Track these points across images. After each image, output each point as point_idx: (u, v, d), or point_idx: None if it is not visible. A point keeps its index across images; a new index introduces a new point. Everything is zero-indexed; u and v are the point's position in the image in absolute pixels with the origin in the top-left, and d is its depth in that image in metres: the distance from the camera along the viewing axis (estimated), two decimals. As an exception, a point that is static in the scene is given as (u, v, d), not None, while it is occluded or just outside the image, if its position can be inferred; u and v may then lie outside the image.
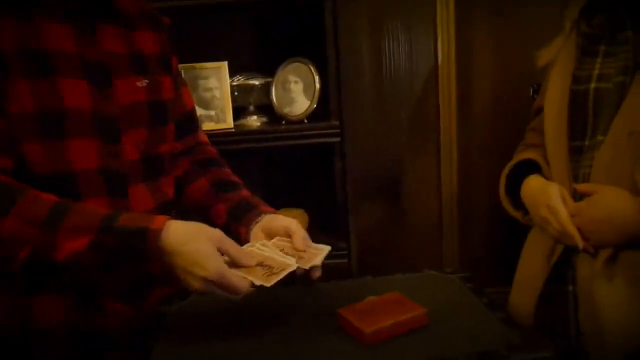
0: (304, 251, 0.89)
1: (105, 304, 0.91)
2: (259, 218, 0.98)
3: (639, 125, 0.91)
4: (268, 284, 0.79)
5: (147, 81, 0.98)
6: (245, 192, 1.07)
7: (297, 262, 0.84)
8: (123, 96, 0.94)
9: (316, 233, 1.57)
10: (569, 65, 1.07)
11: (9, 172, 0.83)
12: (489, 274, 1.44)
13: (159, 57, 1.03)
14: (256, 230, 0.96)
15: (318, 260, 0.88)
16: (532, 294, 1.03)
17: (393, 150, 1.67)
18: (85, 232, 0.78)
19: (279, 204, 1.03)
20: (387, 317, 0.80)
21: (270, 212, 1.00)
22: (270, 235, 0.94)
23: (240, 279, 0.79)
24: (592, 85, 1.01)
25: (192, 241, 0.79)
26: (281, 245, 0.91)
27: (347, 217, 1.64)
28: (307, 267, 0.86)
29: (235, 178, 1.11)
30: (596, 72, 1.01)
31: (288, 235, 0.93)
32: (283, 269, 0.82)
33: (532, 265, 1.07)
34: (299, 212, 1.61)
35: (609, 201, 0.93)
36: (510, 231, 1.18)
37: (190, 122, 1.15)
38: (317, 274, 0.89)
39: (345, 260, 1.53)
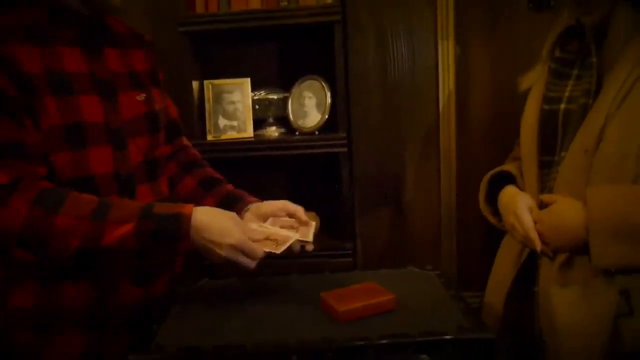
0: (306, 224, 1.08)
1: (119, 287, 1.03)
2: (248, 207, 1.13)
3: (593, 144, 1.00)
4: (278, 251, 0.98)
5: (144, 95, 1.11)
6: (229, 186, 1.22)
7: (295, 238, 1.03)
8: (126, 109, 1.06)
9: (325, 234, 1.73)
10: (542, 87, 1.16)
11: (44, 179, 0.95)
12: (484, 275, 1.54)
13: (149, 73, 1.15)
14: (248, 216, 1.11)
15: (310, 235, 1.07)
16: (501, 292, 1.14)
17: (396, 160, 1.77)
18: (128, 220, 0.93)
19: None
20: (360, 300, 0.95)
21: (255, 201, 1.15)
22: (261, 218, 1.10)
23: (257, 246, 0.97)
24: (562, 106, 1.10)
25: (217, 219, 0.96)
26: (279, 223, 1.09)
27: (354, 220, 1.75)
28: (307, 239, 1.05)
29: (218, 175, 1.25)
30: (567, 94, 1.11)
31: (286, 214, 1.10)
32: (287, 240, 1.00)
33: (503, 267, 1.19)
34: (312, 214, 1.71)
35: (562, 210, 1.03)
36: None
37: (176, 128, 1.27)
38: (311, 247, 1.06)
39: (351, 259, 1.65)
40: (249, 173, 1.75)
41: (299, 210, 1.10)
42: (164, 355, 0.84)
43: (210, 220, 0.95)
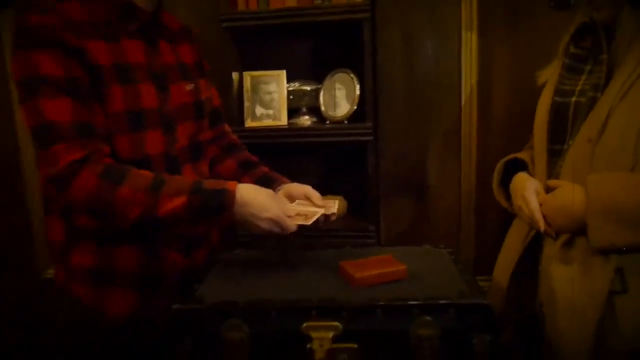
0: (324, 206, 1.18)
1: (166, 255, 1.15)
2: (280, 187, 1.25)
3: (596, 134, 1.09)
4: (308, 223, 1.11)
5: (192, 85, 1.21)
6: (264, 168, 1.34)
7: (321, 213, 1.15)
8: (176, 98, 1.16)
9: (351, 217, 1.84)
10: (556, 81, 1.24)
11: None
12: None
13: (196, 65, 1.26)
14: (280, 195, 1.21)
15: (334, 208, 1.18)
16: (508, 270, 1.24)
17: (420, 149, 1.86)
18: (181, 194, 1.02)
19: (322, 191, 1.24)
20: (375, 269, 1.06)
21: (287, 182, 1.27)
22: (291, 197, 1.21)
23: (290, 220, 1.09)
24: (574, 99, 1.18)
25: (258, 195, 1.07)
26: (303, 204, 1.20)
27: (378, 204, 1.84)
28: (329, 212, 1.17)
29: (254, 158, 1.37)
30: (579, 87, 1.18)
31: (305, 197, 1.20)
32: (315, 214, 1.13)
33: (510, 247, 1.28)
34: (340, 198, 1.81)
35: (565, 194, 1.11)
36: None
37: (218, 115, 1.36)
38: (334, 217, 1.18)
39: (374, 241, 1.75)
40: (283, 158, 1.82)
41: (315, 196, 1.20)
42: (204, 306, 0.98)
43: (252, 196, 1.06)
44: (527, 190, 1.19)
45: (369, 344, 0.96)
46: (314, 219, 1.13)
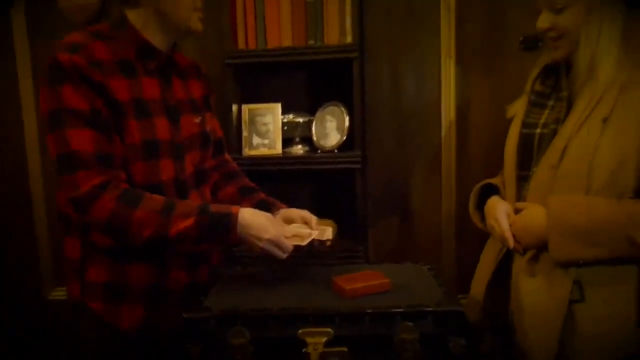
0: (318, 230, 1.29)
1: (172, 272, 1.23)
2: (278, 211, 1.35)
3: (557, 161, 1.22)
4: (303, 243, 1.22)
5: (200, 118, 1.30)
6: (262, 194, 1.44)
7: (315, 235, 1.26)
8: (186, 129, 1.25)
9: (341, 238, 1.95)
10: (522, 115, 1.39)
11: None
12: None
13: (203, 99, 1.36)
14: (277, 219, 1.29)
15: (329, 234, 1.29)
16: (483, 283, 1.36)
17: (404, 175, 1.99)
18: (190, 216, 1.11)
19: (314, 215, 1.33)
20: (362, 282, 1.19)
21: (284, 208, 1.37)
22: (288, 221, 1.31)
23: (287, 242, 1.19)
24: (538, 130, 1.31)
25: (258, 218, 1.17)
26: (299, 227, 1.31)
27: (366, 227, 1.96)
28: (323, 238, 1.28)
29: (252, 184, 1.47)
30: (542, 121, 1.32)
31: (304, 221, 1.30)
32: (310, 235, 1.24)
33: (485, 263, 1.41)
34: (330, 222, 1.90)
35: (530, 215, 1.25)
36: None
37: (220, 145, 1.46)
38: (329, 243, 1.27)
39: (363, 261, 1.85)
40: (277, 184, 1.96)
41: (313, 219, 1.32)
42: (211, 314, 1.09)
43: (253, 219, 1.16)
44: (499, 212, 1.32)
45: (357, 347, 1.07)
46: (309, 240, 1.24)
